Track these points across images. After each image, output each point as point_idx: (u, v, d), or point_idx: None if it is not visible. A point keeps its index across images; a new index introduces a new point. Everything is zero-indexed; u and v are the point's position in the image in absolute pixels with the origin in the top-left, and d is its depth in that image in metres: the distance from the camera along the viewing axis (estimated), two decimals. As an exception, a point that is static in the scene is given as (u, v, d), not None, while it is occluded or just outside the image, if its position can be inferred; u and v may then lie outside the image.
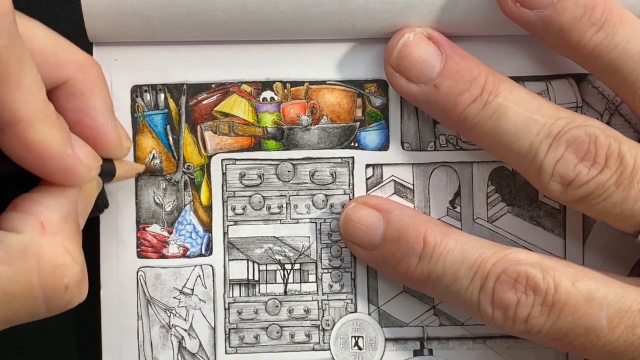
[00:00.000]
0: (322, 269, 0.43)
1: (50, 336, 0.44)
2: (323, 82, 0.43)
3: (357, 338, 0.43)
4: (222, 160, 0.43)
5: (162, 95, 0.42)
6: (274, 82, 0.42)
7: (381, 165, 0.43)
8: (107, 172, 0.39)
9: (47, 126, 0.33)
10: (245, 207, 0.43)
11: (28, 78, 0.33)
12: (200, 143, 0.43)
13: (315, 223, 0.43)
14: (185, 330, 0.43)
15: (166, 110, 0.42)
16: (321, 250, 0.43)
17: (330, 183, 0.43)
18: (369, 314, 0.43)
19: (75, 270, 0.34)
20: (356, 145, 0.43)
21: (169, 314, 0.43)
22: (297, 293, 0.43)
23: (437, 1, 0.40)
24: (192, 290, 0.43)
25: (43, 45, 0.36)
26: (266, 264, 0.43)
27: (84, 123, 0.37)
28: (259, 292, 0.43)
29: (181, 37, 0.41)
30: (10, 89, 0.32)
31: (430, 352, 0.43)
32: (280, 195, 0.43)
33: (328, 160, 0.43)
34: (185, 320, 0.43)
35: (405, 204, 0.43)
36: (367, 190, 0.43)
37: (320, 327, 0.43)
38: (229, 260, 0.43)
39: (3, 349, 0.44)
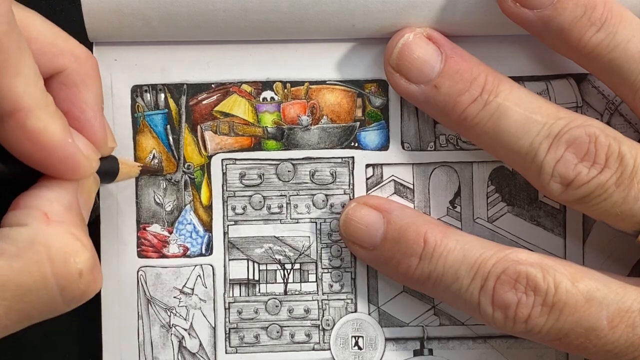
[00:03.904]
0: (322, 268, 0.43)
1: (50, 336, 0.44)
2: (323, 82, 0.43)
3: (357, 338, 0.43)
4: (222, 160, 0.43)
5: (162, 95, 0.42)
6: (274, 82, 0.43)
7: (381, 165, 0.43)
8: (111, 170, 0.39)
9: (47, 115, 0.33)
10: (246, 207, 0.43)
11: (27, 66, 0.33)
12: (200, 143, 0.43)
13: (316, 223, 0.43)
14: (186, 330, 0.43)
15: (166, 110, 0.42)
16: (321, 250, 0.43)
17: (330, 183, 0.43)
18: (369, 314, 0.43)
19: (87, 255, 0.34)
20: (356, 145, 0.43)
21: (169, 313, 0.43)
22: (297, 293, 0.43)
23: (437, 1, 0.40)
24: (193, 289, 0.43)
25: (40, 34, 0.36)
26: (266, 264, 0.43)
27: (72, 115, 0.36)
28: (259, 292, 0.43)
29: (181, 37, 0.41)
30: (10, 77, 0.32)
31: (430, 352, 0.43)
32: (281, 195, 0.43)
33: (328, 160, 0.43)
34: (185, 319, 0.43)
35: (406, 204, 0.43)
36: (367, 190, 0.43)
37: (321, 327, 0.43)
38: (229, 260, 0.43)
39: (3, 349, 0.44)
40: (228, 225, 0.43)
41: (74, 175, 0.35)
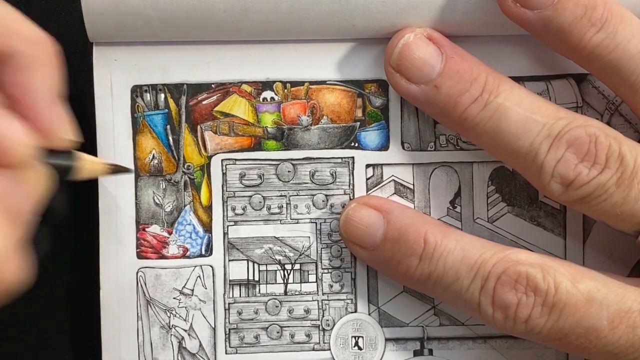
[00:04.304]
0: (322, 269, 0.43)
1: (50, 336, 0.44)
2: (323, 82, 0.43)
3: (357, 338, 0.43)
4: (222, 160, 0.43)
5: (162, 95, 0.42)
6: (274, 82, 0.42)
7: (381, 165, 0.43)
8: (65, 165, 0.37)
9: None
10: (245, 207, 0.43)
11: None
12: (200, 143, 0.43)
13: (316, 223, 0.43)
14: (186, 331, 0.43)
15: (166, 110, 0.42)
16: (321, 250, 0.43)
17: (331, 183, 0.43)
18: (369, 314, 0.43)
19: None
20: (356, 145, 0.43)
21: (169, 314, 0.43)
22: (297, 293, 0.43)
23: (437, 1, 0.40)
24: (192, 290, 0.43)
25: None
26: (266, 264, 0.43)
27: (22, 101, 0.35)
28: (259, 293, 0.43)
29: (181, 37, 0.41)
30: None
31: (430, 352, 0.43)
32: (281, 196, 0.43)
33: (328, 160, 0.43)
34: (185, 320, 0.43)
35: (406, 204, 0.43)
36: (367, 190, 0.43)
37: (321, 327, 0.43)
38: (229, 260, 0.43)
39: (2, 349, 0.44)
40: (228, 225, 0.43)
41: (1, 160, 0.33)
